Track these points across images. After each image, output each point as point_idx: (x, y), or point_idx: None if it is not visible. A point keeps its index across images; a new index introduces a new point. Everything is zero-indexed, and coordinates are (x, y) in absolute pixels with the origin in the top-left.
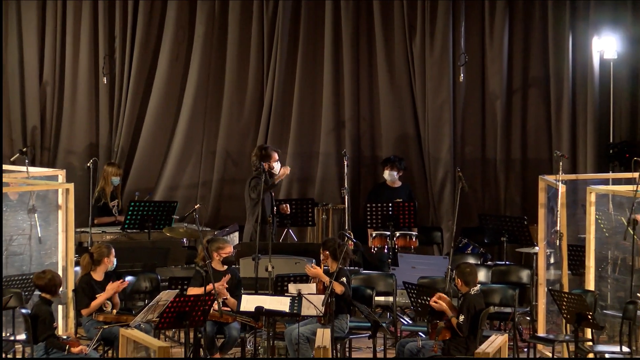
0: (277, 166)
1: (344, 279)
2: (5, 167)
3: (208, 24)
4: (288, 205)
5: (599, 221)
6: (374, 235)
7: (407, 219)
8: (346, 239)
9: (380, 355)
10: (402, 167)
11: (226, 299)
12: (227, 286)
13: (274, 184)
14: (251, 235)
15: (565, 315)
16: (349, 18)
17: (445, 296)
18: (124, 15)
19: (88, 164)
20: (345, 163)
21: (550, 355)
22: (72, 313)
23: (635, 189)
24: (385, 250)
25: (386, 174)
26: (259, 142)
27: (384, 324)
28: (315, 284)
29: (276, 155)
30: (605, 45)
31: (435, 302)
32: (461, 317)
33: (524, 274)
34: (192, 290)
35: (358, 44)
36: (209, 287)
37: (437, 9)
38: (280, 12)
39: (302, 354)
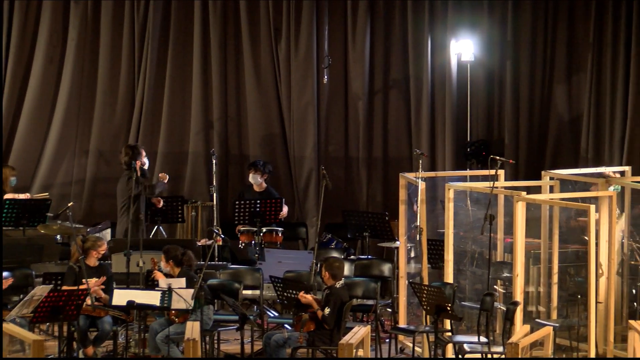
0: (146, 161)
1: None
2: None
3: (81, 27)
4: (160, 199)
5: None
6: (241, 231)
7: (273, 214)
8: (214, 235)
9: (247, 346)
10: (266, 171)
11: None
12: (103, 287)
13: (152, 187)
14: (125, 231)
15: (425, 307)
16: (217, 20)
17: (307, 295)
18: None
19: None
20: (214, 162)
21: (410, 345)
22: None
23: (492, 185)
24: (252, 246)
25: (251, 178)
26: (130, 141)
27: (251, 317)
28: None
29: (144, 152)
30: (463, 48)
31: (303, 296)
32: (327, 310)
33: (386, 268)
34: (66, 288)
35: (226, 45)
36: (83, 282)
37: (301, 11)
38: (151, 14)
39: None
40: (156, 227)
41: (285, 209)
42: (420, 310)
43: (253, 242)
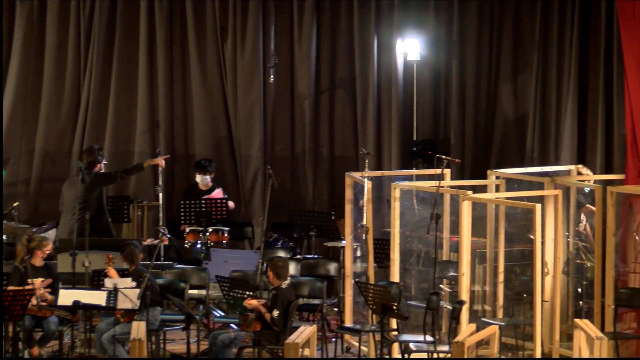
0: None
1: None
2: None
3: (27, 26)
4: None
5: None
6: (187, 230)
7: (219, 214)
8: (160, 235)
9: (193, 346)
10: (213, 170)
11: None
12: (49, 290)
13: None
14: (76, 230)
15: (371, 306)
16: (163, 19)
17: (253, 300)
18: None
19: None
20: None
21: (357, 344)
22: None
23: (438, 184)
24: (199, 245)
25: (198, 178)
26: (76, 141)
27: (197, 317)
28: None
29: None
30: (409, 48)
31: (249, 302)
32: (275, 312)
33: (332, 267)
34: (11, 288)
35: (172, 44)
36: (29, 282)
37: (247, 11)
38: (97, 13)
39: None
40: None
41: (231, 203)
42: (366, 309)
43: (199, 241)
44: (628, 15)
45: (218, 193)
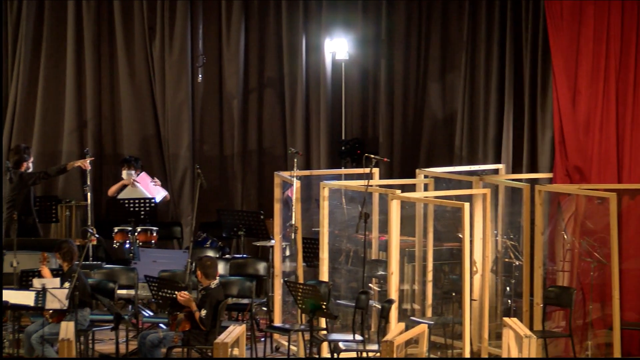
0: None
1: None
2: None
3: None
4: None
5: None
6: (116, 230)
7: (147, 214)
8: (89, 234)
9: (122, 346)
10: (138, 166)
11: None
12: None
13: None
14: (4, 230)
15: (300, 305)
16: (91, 19)
17: (185, 294)
18: None
19: None
20: (88, 161)
21: (286, 344)
22: None
23: (366, 184)
24: (127, 245)
25: (124, 174)
26: (4, 141)
27: (126, 317)
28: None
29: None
30: (337, 47)
31: (182, 295)
32: (203, 312)
33: (261, 267)
34: None
35: (100, 44)
36: None
37: (175, 11)
38: (24, 14)
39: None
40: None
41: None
42: (295, 308)
43: (128, 241)
44: (556, 15)
45: (143, 177)
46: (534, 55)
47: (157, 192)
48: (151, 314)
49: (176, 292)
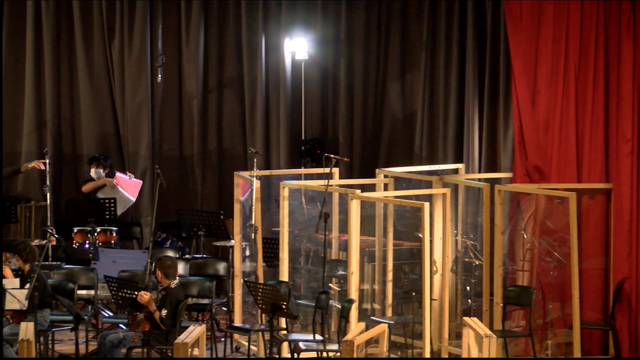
0: None
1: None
2: None
3: None
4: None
5: None
6: (75, 230)
7: (109, 214)
8: (48, 234)
9: (82, 347)
10: (107, 165)
11: None
12: None
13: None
14: None
15: (260, 305)
16: (50, 19)
17: (145, 294)
18: None
19: None
20: (47, 161)
21: (246, 344)
22: None
23: (326, 183)
24: (87, 245)
25: (93, 173)
26: None
27: (85, 317)
28: None
29: None
30: (297, 47)
31: (143, 295)
32: (164, 312)
33: (221, 267)
34: None
35: (59, 44)
36: None
37: (135, 11)
38: None
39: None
40: None
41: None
42: (255, 308)
43: (87, 241)
44: (515, 15)
45: (121, 177)
46: (495, 55)
47: (136, 187)
48: (111, 314)
49: (136, 292)
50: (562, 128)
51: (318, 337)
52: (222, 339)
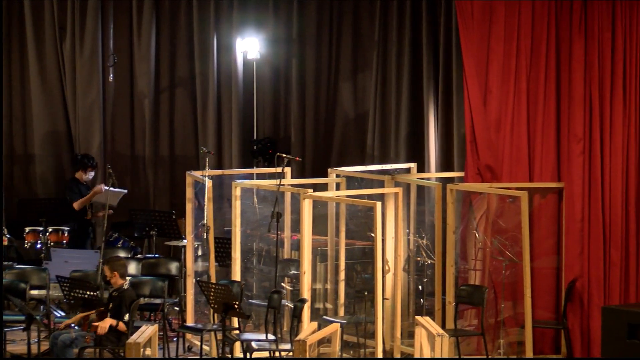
0: None
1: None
2: None
3: None
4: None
5: None
6: (27, 230)
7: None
8: None
9: (34, 347)
10: (95, 165)
11: None
12: None
13: None
14: None
15: (212, 305)
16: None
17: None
18: None
19: None
20: None
21: (198, 343)
22: None
23: (278, 183)
24: (39, 245)
25: (86, 176)
26: None
27: (37, 317)
28: None
29: None
30: (249, 46)
31: (102, 327)
32: (126, 316)
33: (173, 266)
34: None
35: (10, 43)
36: None
37: (86, 10)
38: None
39: None
40: None
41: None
42: (208, 308)
43: (39, 241)
44: (466, 14)
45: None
46: (448, 54)
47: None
48: (63, 314)
49: (88, 292)
50: (513, 127)
51: (270, 336)
52: (175, 339)
